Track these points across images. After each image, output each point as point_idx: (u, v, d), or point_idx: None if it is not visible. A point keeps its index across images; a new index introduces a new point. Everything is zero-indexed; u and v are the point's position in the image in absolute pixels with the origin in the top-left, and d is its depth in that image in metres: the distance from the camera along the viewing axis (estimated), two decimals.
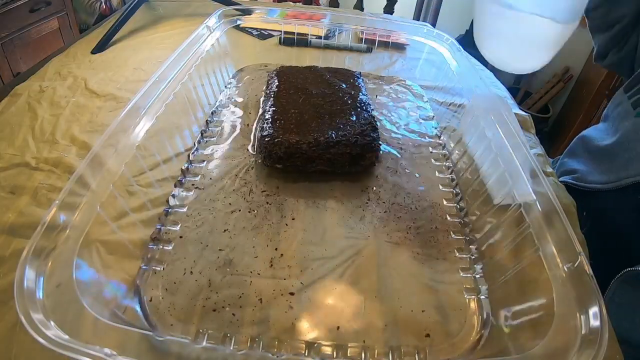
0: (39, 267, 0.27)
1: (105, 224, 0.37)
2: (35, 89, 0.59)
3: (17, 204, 0.41)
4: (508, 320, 0.34)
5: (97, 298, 0.30)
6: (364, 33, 0.75)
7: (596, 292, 0.28)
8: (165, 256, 0.37)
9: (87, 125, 0.52)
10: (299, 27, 0.74)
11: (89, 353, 0.23)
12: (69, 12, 1.65)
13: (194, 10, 0.94)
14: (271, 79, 0.57)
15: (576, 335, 0.26)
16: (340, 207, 0.44)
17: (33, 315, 0.24)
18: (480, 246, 0.40)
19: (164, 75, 0.46)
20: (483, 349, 0.32)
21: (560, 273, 0.30)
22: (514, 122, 0.44)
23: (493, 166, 0.43)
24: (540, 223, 0.34)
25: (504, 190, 0.41)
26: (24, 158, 0.46)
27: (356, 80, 0.57)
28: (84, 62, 0.68)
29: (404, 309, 0.35)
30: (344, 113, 0.49)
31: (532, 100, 1.86)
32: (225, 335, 0.32)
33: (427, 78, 0.70)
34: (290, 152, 0.44)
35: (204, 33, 0.57)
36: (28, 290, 0.25)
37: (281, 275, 0.36)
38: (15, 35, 1.39)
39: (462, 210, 0.44)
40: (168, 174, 0.45)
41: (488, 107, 0.47)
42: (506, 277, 0.37)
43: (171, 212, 0.41)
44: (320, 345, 0.32)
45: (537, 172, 0.37)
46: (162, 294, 0.34)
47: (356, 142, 0.45)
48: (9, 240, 0.37)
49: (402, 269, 0.38)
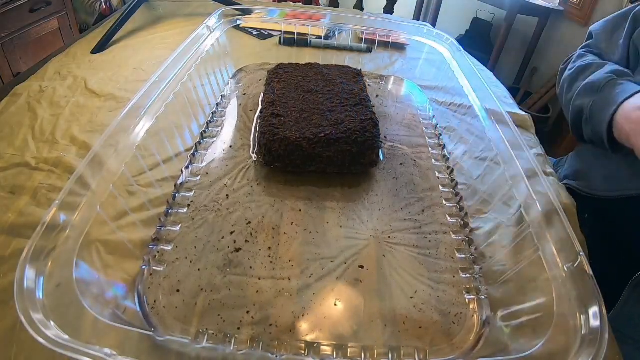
0: (39, 267, 0.27)
1: (105, 224, 0.37)
2: (35, 89, 0.59)
3: (17, 204, 0.41)
4: (508, 320, 0.34)
5: (97, 298, 0.30)
6: (364, 33, 0.75)
7: (596, 292, 0.28)
8: (166, 256, 0.37)
9: (87, 125, 0.52)
10: (299, 27, 0.74)
11: (89, 353, 0.23)
12: (69, 12, 1.64)
13: (194, 10, 0.94)
14: (271, 77, 0.57)
15: (576, 335, 0.26)
16: (341, 207, 0.44)
17: (33, 315, 0.24)
18: (480, 246, 0.40)
19: (164, 75, 0.46)
20: (483, 349, 0.32)
21: (560, 273, 0.30)
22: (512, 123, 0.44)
23: (493, 166, 0.43)
24: (540, 223, 0.34)
25: (504, 190, 0.41)
26: (24, 158, 0.46)
27: (356, 78, 0.57)
28: (84, 62, 0.68)
29: (403, 309, 0.35)
30: (344, 110, 0.49)
31: (532, 100, 1.86)
32: (225, 335, 0.32)
33: (427, 78, 0.70)
34: (290, 150, 0.44)
35: (204, 33, 0.57)
36: (28, 290, 0.25)
37: (281, 275, 0.36)
38: (15, 35, 1.39)
39: (462, 211, 0.44)
40: (168, 174, 0.45)
41: (488, 107, 0.47)
42: (506, 277, 0.37)
43: (171, 212, 0.41)
44: (320, 345, 0.32)
45: (537, 172, 0.37)
46: (162, 294, 0.34)
47: (356, 139, 0.45)
48: (9, 240, 0.37)
49: (402, 269, 0.38)
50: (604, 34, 0.60)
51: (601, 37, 0.60)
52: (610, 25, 0.59)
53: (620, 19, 0.58)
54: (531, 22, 1.95)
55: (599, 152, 0.56)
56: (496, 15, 2.12)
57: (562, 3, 1.86)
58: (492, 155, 0.44)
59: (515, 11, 1.85)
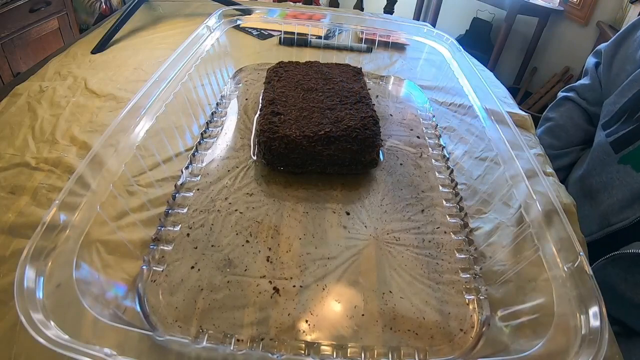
0: (39, 267, 0.27)
1: (105, 224, 0.37)
2: (35, 89, 0.59)
3: (17, 204, 0.41)
4: (508, 320, 0.34)
5: (97, 298, 0.30)
6: (364, 33, 0.75)
7: (596, 292, 0.28)
8: (166, 256, 0.37)
9: (87, 125, 0.52)
10: (299, 27, 0.74)
11: (89, 353, 0.23)
12: (69, 12, 1.65)
13: (194, 10, 0.94)
14: (270, 75, 0.56)
15: (576, 335, 0.26)
16: (340, 207, 0.44)
17: (33, 315, 0.24)
18: (480, 246, 0.40)
19: (164, 75, 0.46)
20: (483, 349, 0.32)
21: (560, 273, 0.30)
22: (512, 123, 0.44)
23: (493, 166, 0.43)
24: (540, 223, 0.34)
25: (504, 190, 0.41)
26: (24, 158, 0.46)
27: (356, 76, 0.57)
28: (84, 62, 0.68)
29: (403, 309, 0.35)
30: (344, 108, 0.49)
31: (532, 100, 1.86)
32: (225, 335, 0.32)
33: (427, 78, 0.70)
34: (290, 148, 0.44)
35: (204, 33, 0.57)
36: (28, 290, 0.25)
37: (281, 275, 0.36)
38: (15, 35, 1.39)
39: (462, 211, 0.44)
40: (168, 174, 0.45)
41: (488, 107, 0.47)
42: (506, 277, 0.37)
43: (171, 212, 0.41)
44: (320, 345, 0.32)
45: (537, 172, 0.37)
46: (162, 294, 0.34)
47: (357, 137, 0.45)
48: (9, 240, 0.37)
49: (402, 269, 0.38)
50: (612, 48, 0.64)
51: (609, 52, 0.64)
52: (619, 38, 0.63)
53: (628, 32, 0.61)
54: (531, 22, 1.95)
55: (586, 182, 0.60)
56: (496, 15, 2.12)
57: (562, 3, 1.86)
58: (492, 155, 0.44)
59: (515, 11, 1.85)
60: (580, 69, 1.77)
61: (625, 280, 0.45)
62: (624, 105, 0.54)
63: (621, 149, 0.51)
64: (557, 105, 0.73)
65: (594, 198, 0.54)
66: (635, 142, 0.50)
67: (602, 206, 0.52)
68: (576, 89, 0.70)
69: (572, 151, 0.66)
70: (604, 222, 0.51)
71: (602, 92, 0.65)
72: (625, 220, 0.48)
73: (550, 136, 0.69)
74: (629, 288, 0.44)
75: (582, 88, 0.69)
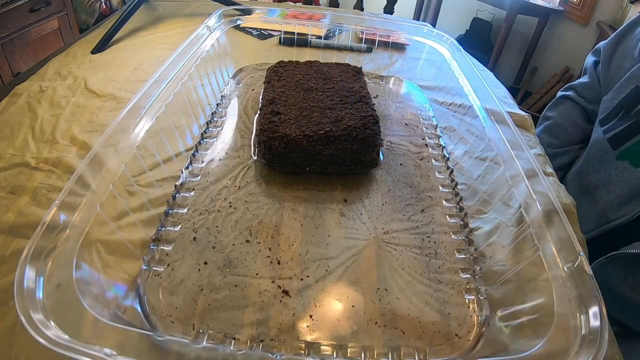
0: (39, 267, 0.27)
1: (105, 224, 0.37)
2: (35, 89, 0.59)
3: (17, 204, 0.41)
4: (508, 320, 0.34)
5: (97, 298, 0.30)
6: (364, 33, 0.75)
7: (596, 292, 0.28)
8: (166, 256, 0.37)
9: (87, 125, 0.52)
10: (299, 27, 0.74)
11: (89, 353, 0.23)
12: (69, 12, 1.65)
13: (194, 10, 0.94)
14: (270, 74, 0.56)
15: (576, 335, 0.26)
16: (341, 207, 0.44)
17: (33, 315, 0.24)
18: (480, 246, 0.40)
19: (164, 75, 0.46)
20: (483, 349, 0.32)
21: (560, 273, 0.30)
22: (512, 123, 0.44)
23: (493, 166, 0.43)
24: (540, 223, 0.34)
25: (504, 190, 0.41)
26: (24, 158, 0.46)
27: (356, 75, 0.57)
28: (84, 62, 0.68)
29: (403, 309, 0.35)
30: (344, 107, 0.49)
31: (532, 100, 1.86)
32: (225, 335, 0.32)
33: (427, 78, 0.70)
34: (290, 147, 0.44)
35: (204, 33, 0.57)
36: (28, 290, 0.25)
37: (281, 275, 0.36)
38: (15, 35, 1.39)
39: (462, 211, 0.44)
40: (168, 174, 0.45)
41: (488, 107, 0.47)
42: (506, 277, 0.37)
43: (171, 212, 0.41)
44: (320, 345, 0.32)
45: (537, 172, 0.37)
46: (162, 294, 0.34)
47: (357, 136, 0.45)
48: (9, 240, 0.37)
49: (402, 269, 0.38)
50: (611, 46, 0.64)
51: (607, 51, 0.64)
52: (616, 37, 0.63)
53: (626, 30, 0.61)
54: (531, 22, 1.95)
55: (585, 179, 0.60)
56: (496, 15, 2.12)
57: (562, 3, 1.86)
58: (492, 155, 0.44)
59: (515, 11, 1.85)
60: (580, 69, 1.77)
61: (625, 280, 0.45)
62: (622, 101, 0.54)
63: (619, 145, 0.51)
64: (556, 104, 0.73)
65: (592, 195, 0.54)
66: (633, 137, 0.50)
67: (601, 203, 0.52)
68: (575, 88, 0.70)
69: (571, 150, 0.66)
70: (603, 219, 0.51)
71: (601, 90, 0.65)
72: (623, 217, 0.48)
73: (549, 135, 0.69)
74: (629, 288, 0.44)
75: (581, 86, 0.69)
